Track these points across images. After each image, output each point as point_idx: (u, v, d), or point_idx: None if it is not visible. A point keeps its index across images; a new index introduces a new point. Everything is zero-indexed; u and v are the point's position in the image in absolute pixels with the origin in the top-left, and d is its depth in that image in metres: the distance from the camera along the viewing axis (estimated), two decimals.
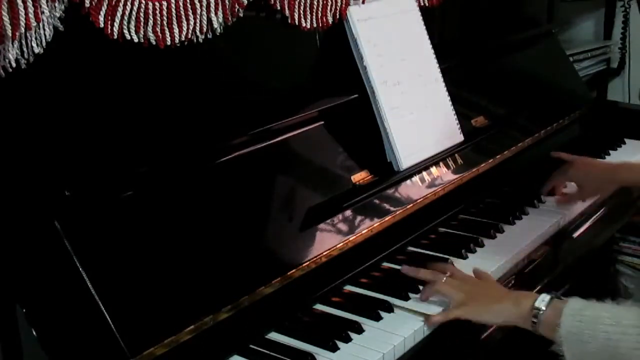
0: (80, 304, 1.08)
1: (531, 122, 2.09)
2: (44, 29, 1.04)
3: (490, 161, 1.85)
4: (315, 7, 1.49)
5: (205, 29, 1.27)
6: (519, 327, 1.30)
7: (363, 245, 1.48)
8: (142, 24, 1.17)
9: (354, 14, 1.59)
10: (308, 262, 1.36)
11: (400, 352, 1.28)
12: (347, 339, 1.27)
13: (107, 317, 1.07)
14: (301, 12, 1.47)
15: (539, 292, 1.52)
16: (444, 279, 1.39)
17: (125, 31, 1.15)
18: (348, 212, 1.48)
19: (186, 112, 1.34)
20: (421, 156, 1.66)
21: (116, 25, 1.13)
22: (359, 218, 1.49)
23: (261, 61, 1.49)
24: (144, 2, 1.16)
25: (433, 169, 1.70)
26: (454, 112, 1.78)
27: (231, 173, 1.35)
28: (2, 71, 1.01)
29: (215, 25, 1.28)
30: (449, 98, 1.77)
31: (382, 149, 1.61)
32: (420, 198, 1.63)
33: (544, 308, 1.25)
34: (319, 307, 1.39)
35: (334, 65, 1.61)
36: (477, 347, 1.42)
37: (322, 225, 1.42)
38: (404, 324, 1.33)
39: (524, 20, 2.35)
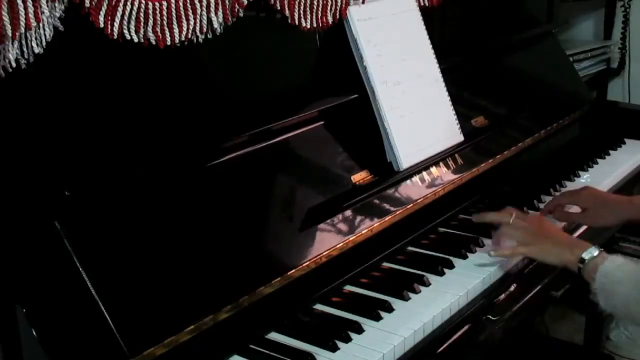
0: (80, 304, 1.08)
1: (531, 122, 2.09)
2: (44, 29, 1.04)
3: (490, 161, 1.85)
4: (315, 7, 1.49)
5: (205, 29, 1.27)
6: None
7: (363, 245, 1.48)
8: (142, 24, 1.17)
9: (354, 14, 1.59)
10: (308, 262, 1.36)
11: (400, 352, 1.28)
12: (347, 339, 1.27)
13: (107, 317, 1.07)
14: (301, 12, 1.47)
15: (543, 289, 1.60)
16: (511, 220, 1.54)
17: (125, 31, 1.15)
18: (348, 212, 1.48)
19: (186, 112, 1.34)
20: (421, 156, 1.66)
21: (116, 25, 1.13)
22: (359, 218, 1.49)
23: (261, 61, 1.49)
24: (144, 2, 1.16)
25: (433, 169, 1.70)
26: (454, 112, 1.78)
27: (231, 173, 1.35)
28: (2, 71, 1.01)
29: (215, 25, 1.28)
30: (449, 98, 1.77)
31: (382, 149, 1.61)
32: (420, 198, 1.63)
33: (589, 259, 1.42)
34: (319, 307, 1.40)
35: (334, 65, 1.61)
36: (477, 347, 1.42)
37: (322, 225, 1.42)
38: (404, 324, 1.33)
39: (524, 20, 2.35)
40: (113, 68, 1.21)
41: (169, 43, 1.21)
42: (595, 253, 1.43)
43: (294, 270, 1.33)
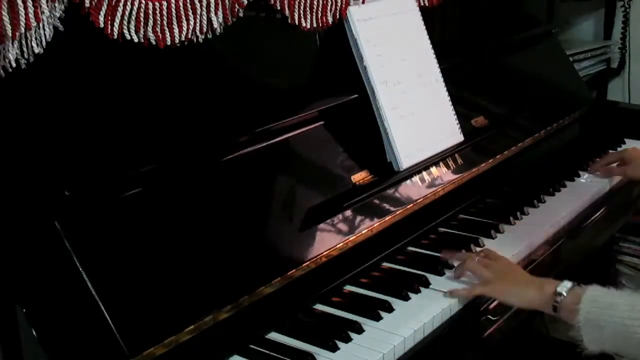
0: (80, 304, 1.08)
1: (531, 122, 2.09)
2: (44, 29, 1.04)
3: (490, 161, 1.85)
4: (315, 7, 1.49)
5: (205, 29, 1.27)
6: (539, 311, 1.39)
7: (363, 245, 1.48)
8: (142, 24, 1.17)
9: (354, 14, 1.59)
10: (308, 262, 1.36)
11: (400, 352, 1.28)
12: (347, 339, 1.27)
13: (107, 317, 1.07)
14: (301, 12, 1.47)
15: None
16: (477, 258, 1.46)
17: (125, 31, 1.15)
18: (348, 212, 1.48)
19: (186, 112, 1.34)
20: (421, 156, 1.66)
21: (116, 25, 1.13)
22: (359, 218, 1.49)
23: (261, 61, 1.49)
24: (144, 2, 1.16)
25: (433, 169, 1.70)
26: (454, 112, 1.78)
27: (231, 173, 1.35)
28: (2, 71, 1.01)
29: (215, 25, 1.28)
30: (449, 98, 1.77)
31: (382, 149, 1.61)
32: (420, 198, 1.63)
33: (564, 294, 1.31)
34: (319, 307, 1.39)
35: (334, 65, 1.61)
36: (476, 347, 1.42)
37: (322, 225, 1.42)
38: (404, 324, 1.33)
39: (524, 20, 2.35)
40: (113, 68, 1.21)
41: (169, 43, 1.22)
42: (570, 285, 1.33)
43: (294, 270, 1.33)
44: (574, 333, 1.27)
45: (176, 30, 1.22)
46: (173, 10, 1.21)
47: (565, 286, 1.32)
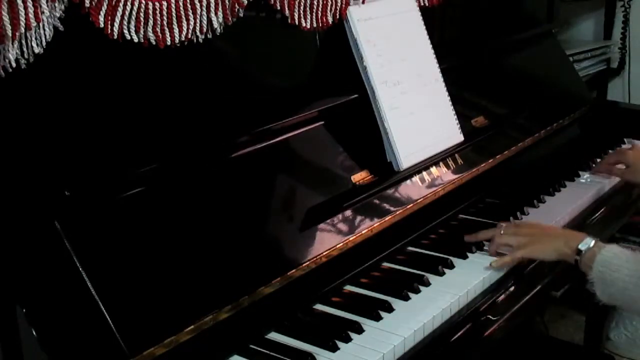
0: (80, 304, 1.08)
1: (531, 122, 2.09)
2: (44, 29, 1.04)
3: (490, 161, 1.85)
4: (315, 7, 1.49)
5: (205, 29, 1.27)
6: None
7: (363, 245, 1.48)
8: (142, 24, 1.17)
9: (354, 14, 1.59)
10: (308, 262, 1.36)
11: (400, 352, 1.28)
12: (347, 339, 1.27)
13: (107, 317, 1.07)
14: (301, 12, 1.47)
15: (543, 289, 1.60)
16: (502, 231, 1.56)
17: (125, 31, 1.15)
18: (348, 212, 1.48)
19: (186, 112, 1.34)
20: (421, 156, 1.66)
21: (116, 25, 1.14)
22: (359, 218, 1.49)
23: (261, 61, 1.49)
24: (144, 2, 1.16)
25: (433, 169, 1.70)
26: (454, 112, 1.78)
27: (231, 173, 1.35)
28: (2, 71, 1.01)
29: (215, 25, 1.28)
30: (449, 98, 1.77)
31: (382, 149, 1.61)
32: (420, 198, 1.63)
33: (585, 250, 1.45)
34: (319, 307, 1.39)
35: (334, 65, 1.61)
36: (476, 347, 1.42)
37: (322, 225, 1.42)
38: (404, 324, 1.33)
39: (524, 20, 2.35)
40: (113, 68, 1.21)
41: (169, 43, 1.22)
42: (592, 243, 1.46)
43: (294, 270, 1.33)
44: (589, 286, 1.42)
45: (176, 30, 1.22)
46: (173, 10, 1.21)
47: (586, 243, 1.46)
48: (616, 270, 1.39)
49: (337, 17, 1.56)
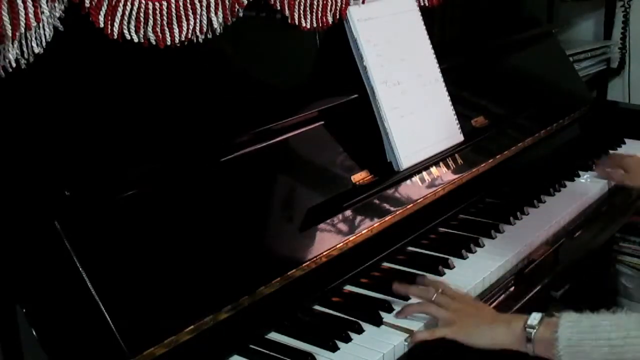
0: (80, 304, 1.08)
1: (531, 122, 2.09)
2: (44, 29, 1.04)
3: (490, 161, 1.85)
4: (315, 7, 1.49)
5: (205, 29, 1.27)
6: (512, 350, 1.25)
7: (363, 245, 1.48)
8: (142, 24, 1.17)
9: (354, 14, 1.59)
10: (308, 262, 1.36)
11: (400, 352, 1.28)
12: (347, 339, 1.27)
13: (107, 317, 1.07)
14: (301, 12, 1.47)
15: (543, 289, 1.55)
16: (434, 296, 1.33)
17: (125, 31, 1.15)
18: (348, 212, 1.48)
19: (186, 112, 1.34)
20: (421, 156, 1.66)
21: (116, 25, 1.13)
22: (359, 218, 1.49)
23: (261, 61, 1.49)
24: (144, 2, 1.16)
25: (433, 169, 1.70)
26: (454, 112, 1.78)
27: (231, 173, 1.35)
28: (2, 71, 1.01)
29: (215, 25, 1.28)
30: (449, 98, 1.77)
31: (382, 149, 1.61)
32: (420, 198, 1.63)
33: (537, 325, 1.21)
34: (319, 307, 1.39)
35: (334, 65, 1.61)
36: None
37: (322, 225, 1.42)
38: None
39: (524, 20, 2.35)
40: (113, 68, 1.21)
41: (169, 43, 1.22)
42: (539, 316, 1.22)
43: (294, 270, 1.33)
44: None
45: (176, 30, 1.22)
46: (173, 10, 1.21)
47: (535, 318, 1.22)
48: (592, 330, 1.14)
49: (337, 17, 1.56)
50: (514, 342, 1.23)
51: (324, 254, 1.39)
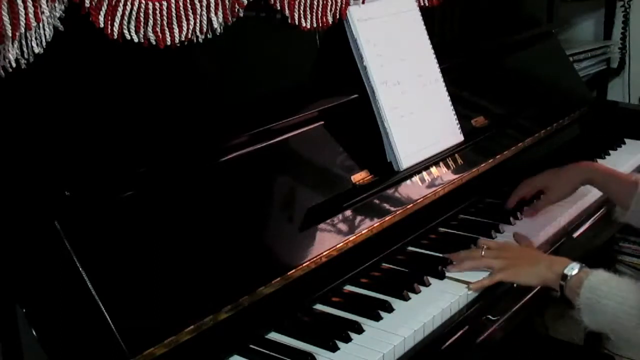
0: (81, 304, 1.08)
1: (531, 122, 2.09)
2: (44, 29, 1.04)
3: (490, 161, 1.85)
4: (315, 7, 1.49)
5: (205, 29, 1.27)
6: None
7: (363, 245, 1.48)
8: (142, 24, 1.17)
9: (354, 14, 1.59)
10: (308, 262, 1.36)
11: (400, 352, 1.28)
12: (347, 339, 1.27)
13: (107, 317, 1.07)
14: (301, 12, 1.47)
15: (543, 289, 1.54)
16: (482, 252, 1.51)
17: (125, 31, 1.15)
18: (348, 212, 1.48)
19: (186, 112, 1.34)
20: (421, 156, 1.66)
21: (116, 25, 1.13)
22: (359, 218, 1.49)
23: (261, 61, 1.49)
24: (144, 2, 1.16)
25: (433, 169, 1.70)
26: (454, 112, 1.78)
27: (231, 173, 1.35)
28: (2, 71, 1.01)
29: (215, 25, 1.28)
30: (449, 98, 1.77)
31: (382, 149, 1.61)
32: (420, 198, 1.63)
33: (570, 275, 1.40)
34: (319, 307, 1.39)
35: (334, 65, 1.61)
36: (476, 347, 1.42)
37: (322, 225, 1.42)
38: (404, 324, 1.33)
39: (524, 20, 2.35)
40: (113, 68, 1.22)
41: (169, 43, 1.22)
42: (577, 268, 1.41)
43: (294, 270, 1.33)
44: (574, 313, 1.36)
45: (176, 30, 1.22)
46: (173, 10, 1.21)
47: (571, 268, 1.40)
48: (605, 297, 1.33)
49: (337, 17, 1.56)
50: (553, 283, 1.43)
51: (324, 254, 1.39)
